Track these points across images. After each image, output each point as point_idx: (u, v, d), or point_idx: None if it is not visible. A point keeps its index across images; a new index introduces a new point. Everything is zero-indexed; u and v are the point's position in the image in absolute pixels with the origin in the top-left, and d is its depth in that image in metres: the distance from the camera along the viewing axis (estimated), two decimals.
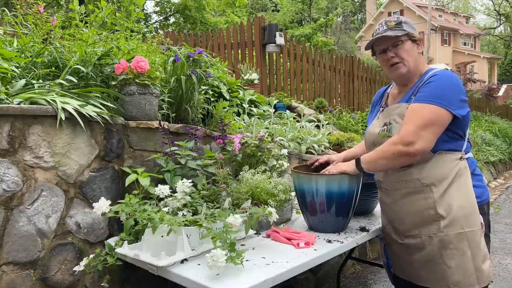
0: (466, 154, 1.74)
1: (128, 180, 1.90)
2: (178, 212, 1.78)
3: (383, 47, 1.77)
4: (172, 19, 22.23)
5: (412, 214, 1.73)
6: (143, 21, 19.15)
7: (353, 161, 1.80)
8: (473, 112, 12.71)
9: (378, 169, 1.80)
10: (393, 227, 1.84)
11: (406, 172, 1.73)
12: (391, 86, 1.98)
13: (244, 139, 2.33)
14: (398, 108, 1.77)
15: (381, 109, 1.92)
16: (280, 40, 6.09)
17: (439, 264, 1.67)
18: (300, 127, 3.81)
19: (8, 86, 1.93)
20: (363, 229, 1.96)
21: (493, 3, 35.49)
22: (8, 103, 1.74)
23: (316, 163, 2.07)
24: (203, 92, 3.09)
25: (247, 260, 1.54)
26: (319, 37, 22.11)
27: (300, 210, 2.03)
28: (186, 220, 1.68)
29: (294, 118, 3.96)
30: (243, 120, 3.42)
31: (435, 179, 1.68)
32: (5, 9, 2.72)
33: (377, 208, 2.31)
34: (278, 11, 22.04)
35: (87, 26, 2.83)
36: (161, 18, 22.49)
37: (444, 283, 1.66)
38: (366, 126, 5.68)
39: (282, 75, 6.62)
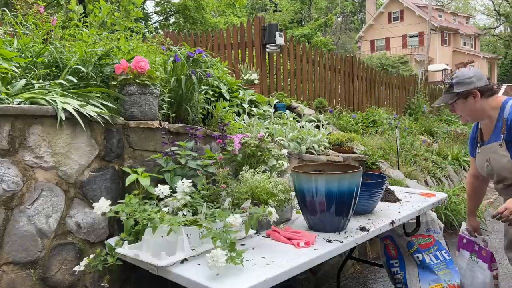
0: None
1: (128, 180, 1.90)
2: (178, 212, 1.78)
3: None
4: (172, 19, 22.23)
5: None
6: (143, 21, 19.14)
7: None
8: None
9: None
10: None
11: None
12: (480, 122, 2.29)
13: (244, 139, 2.34)
14: (492, 147, 2.16)
15: (478, 144, 2.28)
16: (280, 40, 6.09)
17: None
18: (300, 127, 3.81)
19: (8, 86, 1.93)
20: (363, 229, 1.96)
21: (493, 3, 35.49)
22: (8, 103, 1.74)
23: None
24: (203, 92, 3.09)
25: (247, 260, 1.54)
26: (319, 37, 22.10)
27: (300, 210, 2.04)
28: (186, 220, 1.68)
29: (294, 118, 3.95)
30: (243, 120, 3.42)
31: None
32: (5, 9, 2.72)
33: (377, 208, 2.32)
34: (279, 11, 22.05)
35: (86, 26, 2.83)
36: (161, 18, 22.50)
37: None
38: (366, 126, 5.88)
39: (282, 75, 6.62)
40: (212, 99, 3.27)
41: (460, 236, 2.51)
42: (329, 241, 1.80)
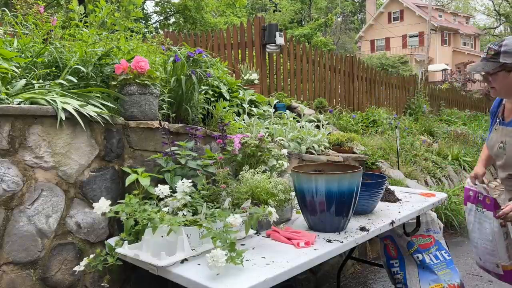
0: None
1: (128, 180, 1.90)
2: (178, 212, 1.78)
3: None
4: (172, 19, 22.23)
5: None
6: (143, 21, 19.14)
7: None
8: (473, 112, 12.74)
9: None
10: None
11: None
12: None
13: (244, 139, 2.34)
14: None
15: (497, 120, 2.11)
16: (280, 40, 6.09)
17: None
18: (300, 127, 3.81)
19: (8, 86, 1.93)
20: (363, 229, 1.96)
21: (493, 3, 35.46)
22: (9, 103, 1.74)
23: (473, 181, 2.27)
24: (203, 92, 3.09)
25: (247, 260, 1.54)
26: (319, 37, 22.12)
27: (300, 210, 2.04)
28: (186, 220, 1.68)
29: (294, 118, 3.95)
30: (243, 120, 3.42)
31: None
32: (5, 9, 2.72)
33: (377, 208, 2.32)
34: (279, 11, 22.07)
35: (87, 26, 2.83)
36: (161, 18, 22.50)
37: None
38: (366, 126, 5.89)
39: (282, 75, 6.62)
40: (212, 99, 3.27)
41: (466, 188, 2.34)
42: (329, 241, 1.80)
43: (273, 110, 3.87)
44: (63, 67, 2.28)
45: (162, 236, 1.63)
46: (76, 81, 2.17)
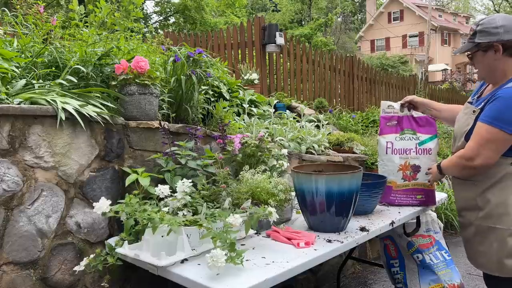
0: None
1: (128, 180, 1.90)
2: (178, 212, 1.78)
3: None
4: (172, 19, 22.24)
5: (460, 199, 2.03)
6: (143, 21, 19.15)
7: (436, 167, 2.19)
8: None
9: (453, 175, 2.13)
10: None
11: None
12: None
13: (244, 139, 2.33)
14: (468, 109, 1.96)
15: (475, 98, 2.04)
16: (280, 40, 6.09)
17: (472, 244, 1.96)
18: (300, 127, 3.81)
19: (8, 86, 1.93)
20: (363, 229, 1.96)
21: (493, 3, 35.48)
22: (9, 103, 1.74)
23: (402, 101, 2.41)
24: (203, 92, 3.09)
25: (247, 260, 1.54)
26: (319, 37, 22.13)
27: (300, 210, 2.04)
28: (186, 220, 1.68)
29: (294, 118, 3.95)
30: (243, 120, 3.42)
31: (480, 176, 1.86)
32: (5, 9, 2.72)
33: (377, 208, 2.32)
34: (278, 11, 22.08)
35: (87, 26, 2.83)
36: (161, 18, 22.51)
37: (473, 259, 1.98)
38: (366, 126, 5.95)
39: (282, 75, 6.62)
40: (212, 99, 3.26)
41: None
42: (329, 241, 1.80)
43: (273, 110, 3.86)
44: (63, 67, 2.28)
45: (162, 236, 1.63)
46: (76, 81, 2.17)
